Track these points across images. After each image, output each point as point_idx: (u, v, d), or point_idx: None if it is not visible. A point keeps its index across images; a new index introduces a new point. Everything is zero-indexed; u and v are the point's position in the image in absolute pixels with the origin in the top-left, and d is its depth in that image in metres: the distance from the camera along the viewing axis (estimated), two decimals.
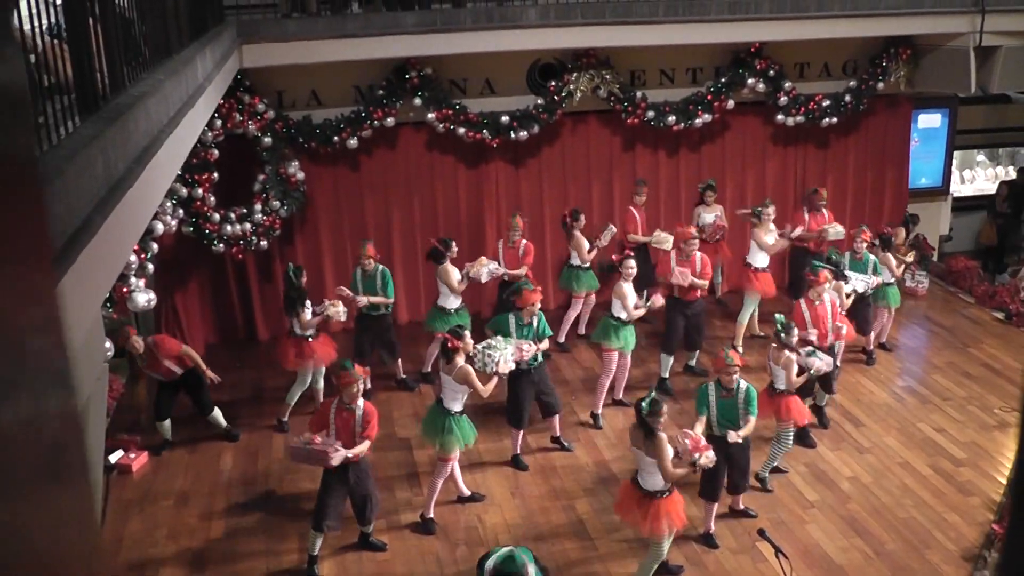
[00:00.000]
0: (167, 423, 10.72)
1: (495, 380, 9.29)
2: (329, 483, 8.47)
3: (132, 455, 10.48)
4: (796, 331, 9.67)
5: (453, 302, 11.61)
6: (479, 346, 9.37)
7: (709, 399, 8.80)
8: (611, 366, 11.06)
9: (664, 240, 12.61)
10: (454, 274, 11.45)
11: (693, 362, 12.38)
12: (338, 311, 10.77)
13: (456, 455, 9.24)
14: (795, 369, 9.51)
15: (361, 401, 8.48)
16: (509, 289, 10.75)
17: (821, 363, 9.67)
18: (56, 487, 1.11)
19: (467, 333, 9.20)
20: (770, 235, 12.60)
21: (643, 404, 7.82)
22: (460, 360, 8.92)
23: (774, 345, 9.73)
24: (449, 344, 8.94)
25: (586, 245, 12.52)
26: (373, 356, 11.59)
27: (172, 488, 10.12)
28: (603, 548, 8.92)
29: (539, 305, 10.08)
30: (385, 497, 9.74)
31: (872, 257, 12.04)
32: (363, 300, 11.21)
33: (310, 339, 10.85)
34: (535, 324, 9.99)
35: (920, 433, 10.93)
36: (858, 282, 11.56)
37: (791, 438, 9.85)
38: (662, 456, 7.71)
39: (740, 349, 11.67)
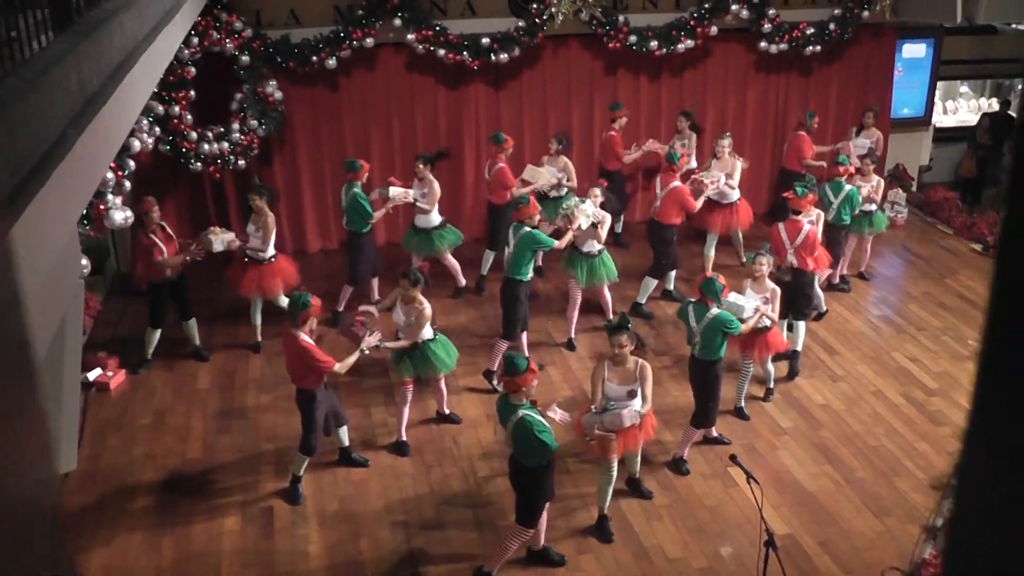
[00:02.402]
0: (158, 334, 10.72)
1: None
2: (320, 405, 8.47)
3: (110, 373, 10.48)
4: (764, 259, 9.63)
5: (429, 221, 11.58)
6: (572, 200, 10.45)
7: (689, 319, 8.80)
8: (575, 298, 11.15)
9: (538, 175, 12.12)
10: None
11: (671, 286, 12.38)
12: (219, 239, 10.59)
13: (410, 380, 9.22)
14: (747, 293, 9.53)
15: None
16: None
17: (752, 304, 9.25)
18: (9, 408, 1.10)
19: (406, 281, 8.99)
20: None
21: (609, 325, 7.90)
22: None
23: (755, 275, 9.71)
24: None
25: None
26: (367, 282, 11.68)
27: (149, 407, 10.15)
28: (575, 469, 9.01)
29: (537, 218, 10.15)
30: (361, 418, 9.82)
31: (848, 186, 12.01)
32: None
33: (264, 263, 10.82)
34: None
35: (894, 362, 11.04)
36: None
37: (751, 367, 9.91)
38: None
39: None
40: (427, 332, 9.08)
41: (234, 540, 8.20)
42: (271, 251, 10.81)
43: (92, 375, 10.35)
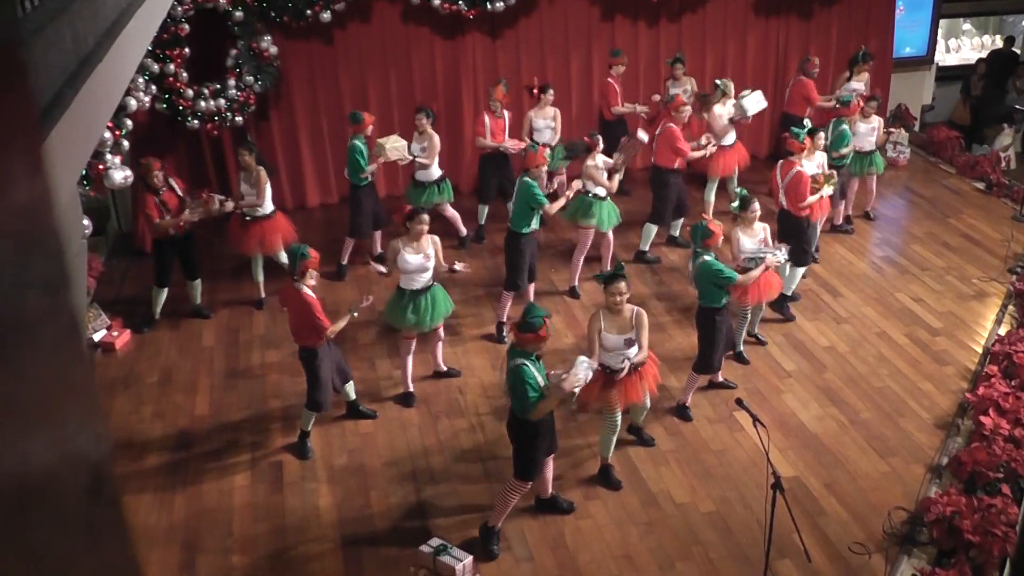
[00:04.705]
0: (165, 292, 10.75)
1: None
2: (324, 362, 8.46)
3: (115, 333, 10.51)
4: (756, 205, 9.49)
5: (429, 175, 11.53)
6: None
7: (690, 265, 8.69)
8: (586, 243, 11.04)
9: (388, 150, 11.20)
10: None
11: (676, 232, 12.33)
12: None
13: (412, 332, 9.17)
14: (743, 243, 9.41)
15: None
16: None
17: (772, 258, 9.18)
18: (51, 352, 1.10)
19: (424, 215, 9.01)
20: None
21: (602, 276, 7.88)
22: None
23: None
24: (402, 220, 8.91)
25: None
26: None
27: (156, 366, 10.18)
28: (582, 419, 9.04)
29: (544, 170, 10.13)
30: (366, 371, 9.84)
31: (844, 126, 11.96)
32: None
33: (261, 219, 10.81)
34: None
35: (898, 303, 11.04)
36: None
37: (748, 311, 9.86)
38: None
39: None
40: (415, 284, 9.05)
41: (244, 496, 8.25)
42: (270, 206, 10.80)
43: (97, 335, 10.39)
